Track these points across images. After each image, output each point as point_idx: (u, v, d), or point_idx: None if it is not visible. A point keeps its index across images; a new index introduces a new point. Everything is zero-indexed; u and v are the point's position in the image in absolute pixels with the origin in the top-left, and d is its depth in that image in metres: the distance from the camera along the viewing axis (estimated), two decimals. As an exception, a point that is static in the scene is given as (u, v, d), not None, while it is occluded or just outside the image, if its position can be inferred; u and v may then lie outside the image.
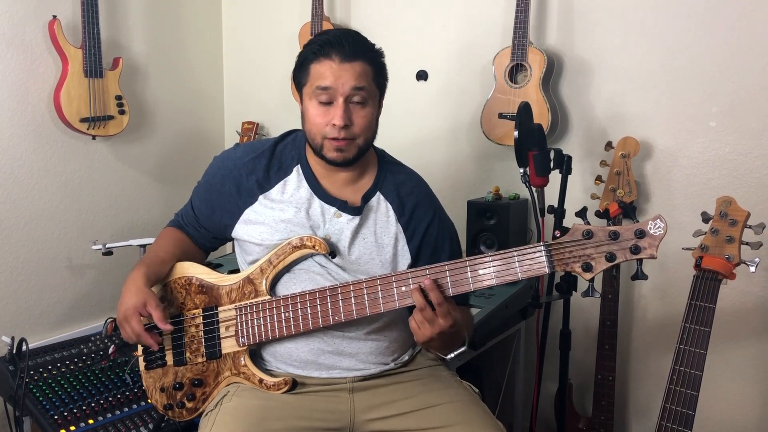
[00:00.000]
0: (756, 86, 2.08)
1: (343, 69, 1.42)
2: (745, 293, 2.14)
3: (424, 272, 1.37)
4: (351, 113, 1.44)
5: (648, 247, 1.26)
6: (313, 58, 1.45)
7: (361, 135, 1.47)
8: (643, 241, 1.26)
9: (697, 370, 1.52)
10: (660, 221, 1.26)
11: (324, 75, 1.43)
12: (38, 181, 2.47)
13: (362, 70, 1.44)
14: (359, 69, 1.44)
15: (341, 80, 1.42)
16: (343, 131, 1.44)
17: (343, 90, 1.42)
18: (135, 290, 1.44)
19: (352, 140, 1.46)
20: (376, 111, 1.51)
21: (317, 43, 1.46)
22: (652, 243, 1.26)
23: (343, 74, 1.42)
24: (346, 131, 1.44)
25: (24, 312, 2.45)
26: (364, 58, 1.45)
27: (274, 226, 1.51)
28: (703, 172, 2.18)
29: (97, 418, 1.89)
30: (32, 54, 2.40)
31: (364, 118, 1.46)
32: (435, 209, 1.61)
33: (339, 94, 1.43)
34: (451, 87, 2.63)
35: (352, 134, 1.45)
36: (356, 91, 1.43)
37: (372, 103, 1.48)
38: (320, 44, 1.45)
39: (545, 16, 2.40)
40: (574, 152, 2.26)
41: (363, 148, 1.49)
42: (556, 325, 2.25)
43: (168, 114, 2.94)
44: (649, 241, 1.26)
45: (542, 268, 1.30)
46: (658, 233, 1.26)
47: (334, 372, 1.52)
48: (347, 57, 1.43)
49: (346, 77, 1.42)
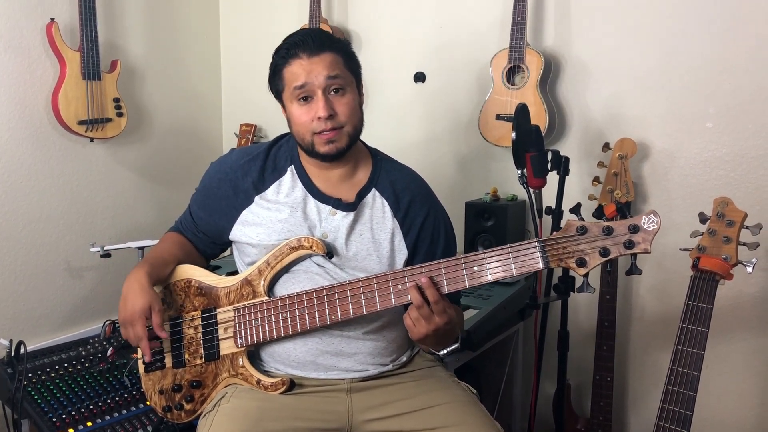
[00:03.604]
0: (752, 87, 2.08)
1: (313, 63, 1.45)
2: (742, 294, 2.15)
3: (420, 270, 1.37)
4: (332, 103, 1.46)
5: (642, 242, 1.26)
6: (284, 63, 1.48)
7: (348, 122, 1.48)
8: (637, 236, 1.26)
9: (695, 371, 1.53)
10: (654, 216, 1.26)
11: (297, 74, 1.46)
12: (36, 183, 2.46)
13: (332, 60, 1.47)
14: (329, 59, 1.46)
15: (314, 73, 1.45)
16: (329, 122, 1.45)
17: (319, 82, 1.44)
18: (140, 291, 1.45)
19: (340, 129, 1.47)
20: (357, 97, 1.52)
21: (284, 48, 1.49)
22: (646, 238, 1.26)
23: (314, 67, 1.45)
24: (332, 121, 1.45)
25: (22, 314, 2.45)
26: (330, 49, 1.48)
27: (271, 226, 1.51)
28: (700, 173, 2.19)
29: (95, 421, 1.89)
30: (30, 57, 2.40)
31: (346, 105, 1.47)
32: (430, 203, 1.61)
33: (316, 87, 1.45)
34: (449, 89, 2.63)
35: (339, 123, 1.47)
36: (332, 80, 1.45)
37: (351, 90, 1.50)
38: (287, 48, 1.48)
39: (542, 18, 2.41)
40: (571, 153, 2.26)
41: (353, 136, 1.51)
42: (554, 326, 2.25)
43: (166, 116, 2.94)
44: (642, 236, 1.26)
45: (536, 264, 1.30)
46: (651, 228, 1.26)
47: (333, 373, 1.52)
48: (314, 51, 1.46)
49: (318, 69, 1.45)
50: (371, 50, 2.76)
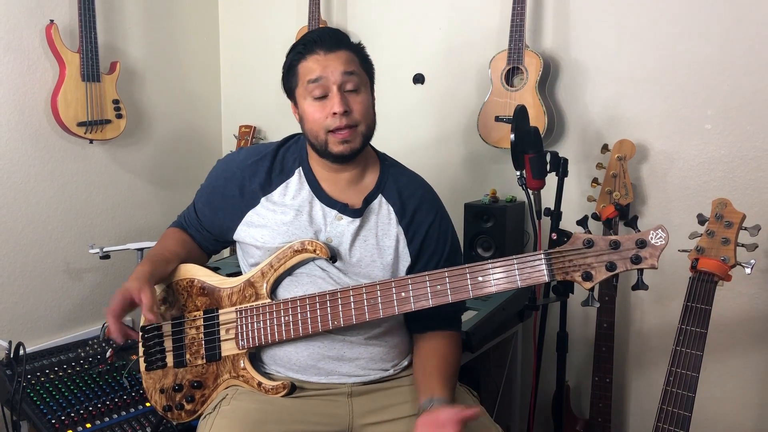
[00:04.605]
0: (750, 89, 2.09)
1: (329, 59, 1.45)
2: (740, 295, 2.15)
3: (423, 278, 1.37)
4: (348, 101, 1.45)
5: (649, 257, 1.25)
6: (299, 59, 1.47)
7: (362, 121, 1.47)
8: (644, 251, 1.25)
9: (694, 372, 1.53)
10: (662, 231, 1.25)
11: (312, 69, 1.45)
12: (36, 185, 2.46)
13: (348, 57, 1.47)
14: (345, 56, 1.46)
15: (330, 68, 1.44)
16: (344, 118, 1.44)
17: (335, 78, 1.44)
18: (136, 278, 1.44)
19: (355, 128, 1.46)
20: (371, 98, 1.52)
21: (300, 45, 1.49)
22: (653, 253, 1.25)
23: (330, 63, 1.44)
24: (347, 118, 1.44)
25: (21, 316, 2.45)
26: (347, 47, 1.48)
27: (276, 228, 1.51)
28: (699, 174, 2.19)
29: (94, 422, 1.89)
30: (29, 58, 2.40)
31: (361, 104, 1.47)
32: (437, 211, 1.60)
33: (331, 83, 1.44)
34: (448, 90, 2.64)
35: (354, 120, 1.46)
36: (348, 77, 1.45)
37: (365, 90, 1.50)
38: (303, 44, 1.48)
39: (541, 20, 2.41)
40: (570, 155, 2.27)
41: (366, 136, 1.50)
42: (554, 328, 2.26)
43: (165, 118, 2.94)
44: (650, 251, 1.25)
45: (542, 277, 1.30)
46: (659, 243, 1.25)
47: (333, 377, 1.52)
48: (331, 48, 1.46)
49: (335, 65, 1.44)
50: (370, 52, 2.71)
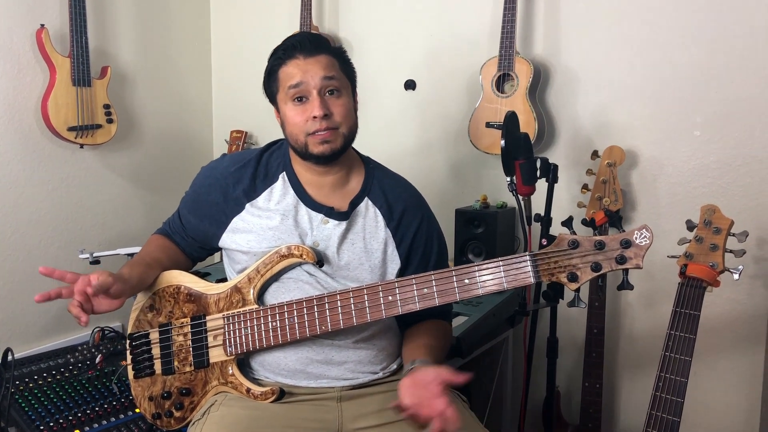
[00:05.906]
0: (739, 96, 2.11)
1: (309, 63, 1.46)
2: (729, 300, 2.16)
3: (410, 281, 1.37)
4: (328, 104, 1.46)
5: (634, 257, 1.26)
6: (280, 64, 1.49)
7: (343, 123, 1.48)
8: (629, 251, 1.26)
9: (683, 377, 1.53)
10: (646, 231, 1.26)
11: (293, 74, 1.46)
12: (25, 189, 2.45)
13: (328, 62, 1.48)
14: (325, 61, 1.47)
15: (310, 73, 1.45)
16: (324, 121, 1.45)
17: (315, 82, 1.45)
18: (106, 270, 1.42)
19: (336, 129, 1.47)
20: (352, 102, 1.53)
21: (280, 50, 1.50)
22: (638, 253, 1.26)
23: (310, 68, 1.46)
24: (327, 121, 1.45)
25: (10, 321, 2.43)
26: (327, 51, 1.49)
27: (262, 234, 1.51)
28: (688, 180, 2.21)
29: (83, 428, 1.88)
30: (19, 62, 2.40)
31: (341, 106, 1.48)
32: (423, 213, 1.61)
33: (311, 87, 1.45)
34: (439, 96, 2.64)
35: (334, 123, 1.47)
36: (328, 81, 1.46)
37: (346, 93, 1.50)
38: (283, 49, 1.49)
39: (532, 27, 2.43)
40: (560, 161, 2.28)
41: (348, 138, 1.51)
42: (544, 333, 2.26)
43: (156, 123, 2.94)
44: (635, 251, 1.26)
45: (528, 278, 1.30)
46: (644, 243, 1.26)
47: (323, 381, 1.51)
48: (311, 52, 1.47)
49: (315, 69, 1.45)
50: (362, 58, 2.76)
